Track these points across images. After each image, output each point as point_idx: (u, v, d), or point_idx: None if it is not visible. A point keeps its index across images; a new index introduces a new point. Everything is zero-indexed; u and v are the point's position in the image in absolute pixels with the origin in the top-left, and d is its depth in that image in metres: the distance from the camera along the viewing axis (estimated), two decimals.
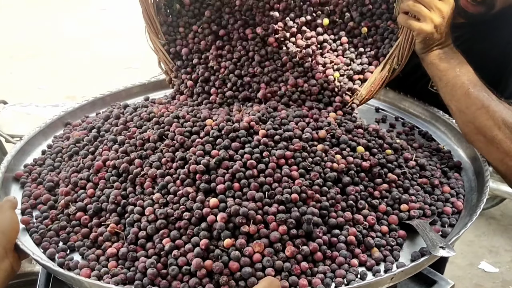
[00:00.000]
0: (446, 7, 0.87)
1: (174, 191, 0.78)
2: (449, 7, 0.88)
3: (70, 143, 0.99)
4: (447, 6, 0.87)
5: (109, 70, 4.75)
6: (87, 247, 0.76)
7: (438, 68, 0.93)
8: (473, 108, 0.90)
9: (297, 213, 0.73)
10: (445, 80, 0.93)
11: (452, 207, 0.84)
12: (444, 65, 0.92)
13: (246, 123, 0.86)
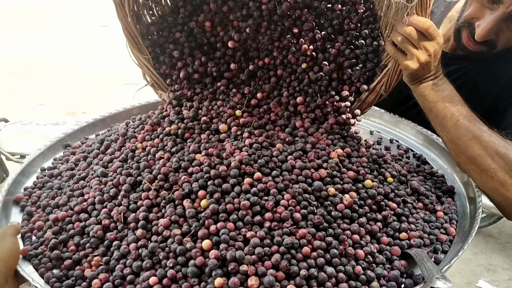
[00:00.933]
0: (433, 47, 0.87)
1: (160, 230, 0.77)
2: (437, 46, 0.87)
3: (67, 167, 1.01)
4: (435, 45, 0.87)
5: (109, 86, 4.78)
6: (76, 276, 0.75)
7: (427, 99, 0.94)
8: (464, 139, 0.91)
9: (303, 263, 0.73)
10: (435, 112, 0.94)
11: (446, 233, 0.86)
12: (434, 97, 0.93)
13: (238, 163, 0.84)
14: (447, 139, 0.96)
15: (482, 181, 0.92)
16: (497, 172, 0.89)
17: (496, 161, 0.89)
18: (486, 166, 0.90)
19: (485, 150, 0.89)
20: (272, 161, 0.87)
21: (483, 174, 0.91)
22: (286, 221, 0.77)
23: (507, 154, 0.89)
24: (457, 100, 0.93)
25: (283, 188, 0.82)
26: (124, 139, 1.00)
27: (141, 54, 1.08)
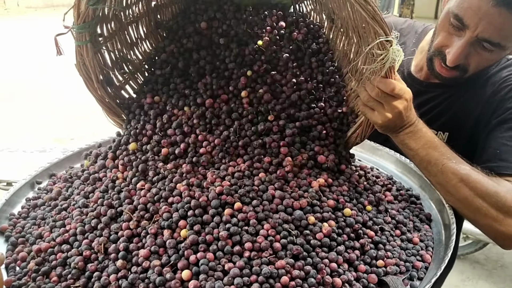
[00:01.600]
0: (402, 104, 0.88)
1: (140, 261, 0.79)
2: (406, 102, 0.89)
3: (50, 197, 1.02)
4: (403, 102, 0.88)
5: (96, 112, 4.80)
6: None
7: (408, 147, 0.97)
8: (452, 182, 0.94)
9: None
10: (418, 159, 0.97)
11: (421, 260, 0.88)
12: (414, 144, 0.95)
13: (217, 194, 0.86)
14: (435, 182, 0.99)
15: (474, 218, 0.95)
16: (489, 210, 0.92)
17: (487, 200, 0.92)
18: (478, 206, 0.93)
19: (474, 191, 0.93)
20: (253, 190, 0.89)
21: (475, 212, 0.94)
22: (265, 251, 0.79)
23: (497, 192, 0.92)
24: (438, 143, 0.95)
25: (263, 218, 0.83)
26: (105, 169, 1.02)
27: (117, 117, 1.11)
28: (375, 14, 0.77)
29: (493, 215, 0.92)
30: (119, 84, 1.12)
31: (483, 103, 1.12)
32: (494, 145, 1.03)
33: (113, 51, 1.07)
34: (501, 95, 1.08)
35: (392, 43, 0.78)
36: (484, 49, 1.03)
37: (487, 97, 1.11)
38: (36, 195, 1.07)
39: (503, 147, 1.02)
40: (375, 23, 0.78)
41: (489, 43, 1.01)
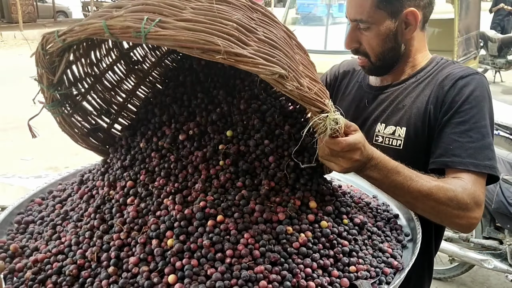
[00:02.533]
0: (355, 154, 0.96)
1: (130, 268, 0.85)
2: (360, 151, 0.96)
3: (45, 213, 1.09)
4: (357, 153, 0.96)
5: None
6: None
7: (373, 179, 1.05)
8: (418, 199, 1.06)
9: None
10: (385, 187, 1.07)
11: (390, 267, 0.95)
12: (377, 176, 1.03)
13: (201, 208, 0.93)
14: (403, 202, 1.11)
15: (441, 221, 1.12)
16: (452, 211, 1.06)
17: (450, 205, 1.05)
18: (443, 211, 1.06)
19: (438, 201, 1.05)
20: (235, 204, 0.97)
21: (441, 217, 1.09)
22: (245, 257, 0.86)
23: (455, 195, 1.05)
24: (399, 168, 1.05)
25: (243, 228, 0.91)
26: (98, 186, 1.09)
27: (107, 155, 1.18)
28: (303, 96, 0.83)
29: (455, 214, 1.06)
30: (108, 126, 1.19)
31: (431, 99, 1.23)
32: (446, 141, 1.15)
33: (94, 99, 1.15)
34: (444, 91, 1.20)
35: (328, 114, 0.87)
36: (362, 30, 1.22)
37: (433, 93, 1.22)
38: (33, 211, 1.14)
39: (454, 143, 1.13)
40: (306, 104, 0.85)
41: (359, 21, 1.21)
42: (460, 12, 5.29)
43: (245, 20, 0.82)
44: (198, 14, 0.78)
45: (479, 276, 3.17)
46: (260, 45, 0.80)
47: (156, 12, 0.78)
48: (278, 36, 0.87)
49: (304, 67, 0.91)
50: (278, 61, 0.79)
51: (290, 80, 0.80)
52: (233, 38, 0.76)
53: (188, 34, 0.73)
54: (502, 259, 2.82)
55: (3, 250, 1.01)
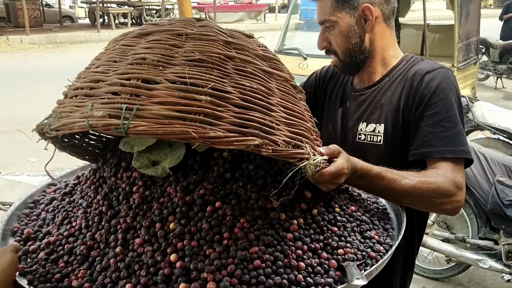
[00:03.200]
0: (340, 178, 1.03)
1: (135, 248, 0.93)
2: (345, 175, 1.05)
3: (56, 202, 1.18)
4: (340, 177, 1.03)
5: None
6: (65, 287, 0.90)
7: (360, 186, 1.17)
8: (404, 196, 1.16)
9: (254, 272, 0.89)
10: (371, 191, 1.20)
11: (376, 251, 1.03)
12: (364, 183, 1.14)
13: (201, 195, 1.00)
14: (390, 200, 1.22)
15: (427, 210, 1.29)
16: (437, 200, 1.18)
17: (434, 196, 1.17)
18: (429, 202, 1.19)
19: (423, 194, 1.16)
20: (232, 192, 1.05)
21: (428, 206, 1.23)
22: (241, 240, 0.94)
23: (438, 185, 1.16)
24: (382, 173, 1.14)
25: (239, 213, 0.99)
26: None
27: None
28: (280, 155, 0.91)
29: (440, 202, 1.17)
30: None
31: (403, 95, 1.33)
32: (422, 133, 1.25)
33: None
34: (414, 87, 1.30)
35: (307, 162, 0.94)
36: (329, 30, 1.35)
37: (404, 90, 1.33)
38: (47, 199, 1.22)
39: (430, 135, 1.24)
40: (285, 159, 0.93)
41: (324, 22, 1.35)
42: (460, 18, 5.36)
43: (219, 85, 0.89)
44: (173, 91, 0.86)
45: (476, 276, 3.23)
46: (234, 113, 0.88)
47: (133, 95, 0.86)
48: (254, 89, 0.94)
49: (283, 108, 0.99)
50: (253, 130, 0.87)
51: (265, 145, 0.88)
52: (207, 117, 0.85)
53: (164, 127, 0.81)
54: (497, 259, 2.89)
55: (17, 235, 1.09)
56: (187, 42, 0.96)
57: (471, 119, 4.27)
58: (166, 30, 0.99)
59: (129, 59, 0.95)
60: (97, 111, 0.86)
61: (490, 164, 2.92)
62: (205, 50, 0.94)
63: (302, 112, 1.07)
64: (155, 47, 0.95)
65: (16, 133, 5.82)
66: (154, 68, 0.91)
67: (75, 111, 0.90)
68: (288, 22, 5.84)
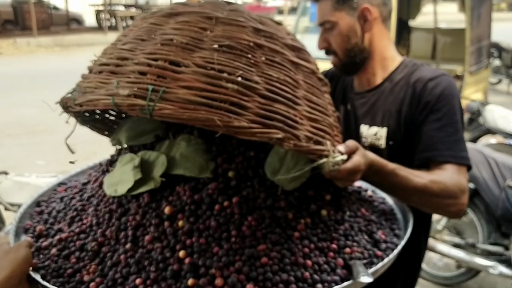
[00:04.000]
0: (357, 175, 1.03)
1: (145, 244, 0.95)
2: (360, 170, 1.03)
3: (66, 200, 1.19)
4: (358, 173, 1.03)
5: (105, 147, 5.00)
6: (77, 281, 0.92)
7: (374, 182, 1.18)
8: (414, 195, 1.18)
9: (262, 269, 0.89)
10: (384, 188, 1.21)
11: (383, 250, 1.03)
12: (378, 179, 1.14)
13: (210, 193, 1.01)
14: (400, 198, 1.22)
15: (436, 211, 1.32)
16: (444, 201, 1.20)
17: (441, 196, 1.19)
18: (437, 203, 1.20)
19: (432, 194, 1.18)
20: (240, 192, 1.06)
21: (436, 207, 1.23)
22: (248, 237, 0.95)
23: (446, 186, 1.19)
24: (396, 170, 1.15)
25: (247, 212, 1.00)
26: None
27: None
28: (301, 150, 0.90)
29: (447, 203, 1.19)
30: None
31: (405, 101, 1.35)
32: (425, 138, 1.28)
33: None
34: (417, 93, 1.33)
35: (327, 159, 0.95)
36: (329, 30, 1.38)
37: (407, 96, 1.35)
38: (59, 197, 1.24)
39: (433, 139, 1.26)
40: (305, 154, 0.93)
41: (324, 23, 1.38)
42: (472, 22, 5.34)
43: (247, 74, 0.89)
44: (200, 76, 0.86)
45: (486, 283, 3.20)
46: (259, 104, 0.88)
47: (160, 76, 0.86)
48: (281, 80, 0.94)
49: (308, 102, 0.99)
50: (276, 123, 0.87)
51: (287, 139, 0.88)
52: (233, 106, 0.84)
53: (190, 112, 0.82)
54: (507, 265, 2.86)
55: (30, 232, 1.11)
56: (217, 26, 0.95)
57: (482, 124, 4.24)
58: (196, 12, 0.97)
59: (157, 39, 0.94)
60: (122, 90, 0.85)
61: (500, 169, 2.90)
62: (234, 36, 0.93)
63: (326, 106, 1.06)
64: (184, 28, 0.94)
65: (23, 135, 5.91)
66: (182, 50, 0.90)
67: (100, 87, 0.90)
68: (297, 24, 5.86)
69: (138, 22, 1.06)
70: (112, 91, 0.87)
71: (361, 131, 1.43)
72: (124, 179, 1.05)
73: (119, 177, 1.06)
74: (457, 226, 3.21)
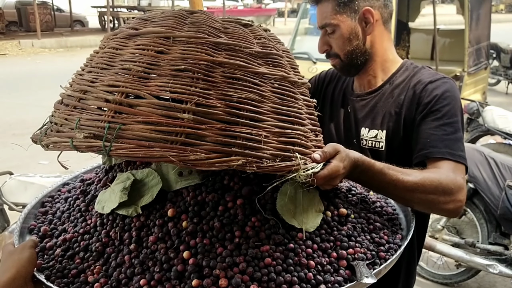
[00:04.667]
0: (336, 180, 1.02)
1: (149, 245, 0.95)
2: (337, 179, 1.02)
3: (70, 201, 1.20)
4: (336, 180, 1.02)
5: None
6: (81, 282, 0.93)
7: (362, 182, 1.15)
8: (408, 193, 1.14)
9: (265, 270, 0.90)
10: (373, 188, 1.19)
11: (386, 251, 1.04)
12: (366, 179, 1.11)
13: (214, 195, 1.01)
14: (392, 197, 1.21)
15: (430, 210, 1.26)
16: (439, 198, 1.16)
17: (435, 193, 1.15)
18: (430, 200, 1.16)
19: (426, 192, 1.15)
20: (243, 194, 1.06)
21: (430, 205, 1.18)
22: (252, 238, 0.96)
23: (440, 182, 1.15)
24: (385, 170, 1.12)
25: (251, 213, 1.00)
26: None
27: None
28: (267, 170, 0.88)
29: (442, 200, 1.16)
30: None
31: (405, 103, 1.36)
32: (424, 136, 1.28)
33: None
34: (417, 95, 1.33)
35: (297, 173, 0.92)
36: (329, 33, 1.39)
37: (407, 98, 1.36)
38: (62, 198, 1.25)
39: (431, 136, 1.26)
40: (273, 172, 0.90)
41: (325, 26, 1.38)
42: (471, 23, 5.35)
43: (204, 99, 0.87)
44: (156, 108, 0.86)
45: (486, 282, 3.21)
46: (218, 130, 0.87)
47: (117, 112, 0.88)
48: (242, 99, 0.91)
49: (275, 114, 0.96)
50: (237, 149, 0.86)
51: (249, 164, 0.86)
52: (189, 137, 0.84)
53: (144, 150, 0.82)
54: (507, 265, 2.87)
55: (34, 232, 1.11)
56: (175, 46, 0.94)
57: (482, 124, 4.26)
58: (154, 32, 0.97)
59: (116, 67, 0.95)
60: (79, 133, 0.88)
61: (500, 169, 2.91)
62: (191, 57, 0.92)
63: (298, 114, 1.03)
64: (142, 54, 0.94)
65: (27, 135, 5.89)
66: (138, 80, 0.91)
67: (64, 124, 0.94)
68: (297, 26, 5.86)
69: (104, 42, 1.06)
70: (71, 134, 0.90)
71: (361, 133, 1.43)
72: (111, 199, 1.05)
73: (108, 195, 1.07)
74: (457, 225, 3.22)
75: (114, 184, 1.10)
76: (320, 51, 1.44)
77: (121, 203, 1.02)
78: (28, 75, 10.00)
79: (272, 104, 0.98)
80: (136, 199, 1.04)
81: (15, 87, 8.73)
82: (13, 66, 11.20)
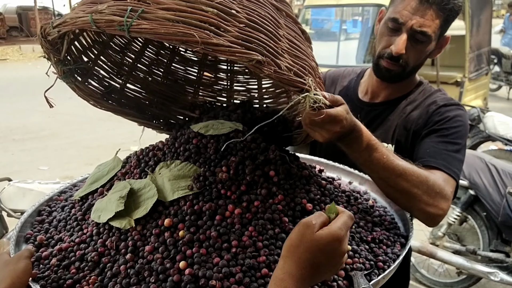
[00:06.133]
0: (337, 126, 0.98)
1: (145, 255, 0.95)
2: (342, 122, 0.98)
3: (67, 210, 1.19)
4: (339, 123, 0.98)
5: (108, 153, 5.01)
6: None
7: (352, 151, 1.10)
8: (391, 177, 1.11)
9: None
10: (362, 160, 1.11)
11: (384, 261, 1.03)
12: (357, 147, 1.07)
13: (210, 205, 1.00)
14: (377, 178, 1.16)
15: (410, 205, 1.16)
16: (422, 196, 1.12)
17: (420, 188, 1.12)
18: (413, 194, 1.12)
19: (410, 182, 1.11)
20: (240, 203, 1.05)
21: (411, 200, 1.13)
22: (249, 248, 0.95)
23: (427, 179, 1.13)
24: (378, 145, 1.10)
25: (247, 222, 1.00)
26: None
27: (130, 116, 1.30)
28: (281, 78, 0.87)
29: (425, 200, 1.13)
30: (120, 87, 1.29)
31: (416, 121, 1.39)
32: (425, 147, 1.29)
33: (104, 62, 1.25)
34: (429, 114, 1.36)
35: (307, 94, 0.90)
36: (417, 42, 1.34)
37: (419, 116, 1.38)
38: (58, 207, 1.24)
39: (432, 149, 1.27)
40: (284, 85, 0.89)
41: (421, 33, 1.32)
42: (472, 29, 5.35)
43: (227, 3, 0.86)
44: (180, 1, 0.83)
45: None
46: (240, 29, 0.85)
47: (140, 0, 0.84)
48: (262, 15, 0.91)
49: (289, 42, 0.96)
50: (256, 47, 0.84)
51: (267, 64, 0.84)
52: (212, 26, 0.82)
53: (167, 28, 0.79)
54: (508, 272, 2.86)
55: (30, 241, 1.11)
56: None
57: (482, 130, 4.25)
58: None
59: None
60: (101, 5, 0.85)
61: (501, 176, 2.90)
62: None
63: (308, 53, 1.01)
64: None
65: (27, 141, 5.92)
66: None
67: (82, 11, 0.89)
68: None
69: None
70: (91, 9, 0.86)
71: None
72: (108, 208, 1.05)
73: (105, 204, 1.07)
74: (458, 232, 3.21)
75: (111, 192, 1.10)
76: (398, 51, 1.34)
77: (116, 214, 1.01)
78: (29, 80, 10.02)
79: (286, 33, 0.98)
80: (131, 210, 1.03)
81: (15, 92, 8.75)
82: (14, 71, 11.24)
